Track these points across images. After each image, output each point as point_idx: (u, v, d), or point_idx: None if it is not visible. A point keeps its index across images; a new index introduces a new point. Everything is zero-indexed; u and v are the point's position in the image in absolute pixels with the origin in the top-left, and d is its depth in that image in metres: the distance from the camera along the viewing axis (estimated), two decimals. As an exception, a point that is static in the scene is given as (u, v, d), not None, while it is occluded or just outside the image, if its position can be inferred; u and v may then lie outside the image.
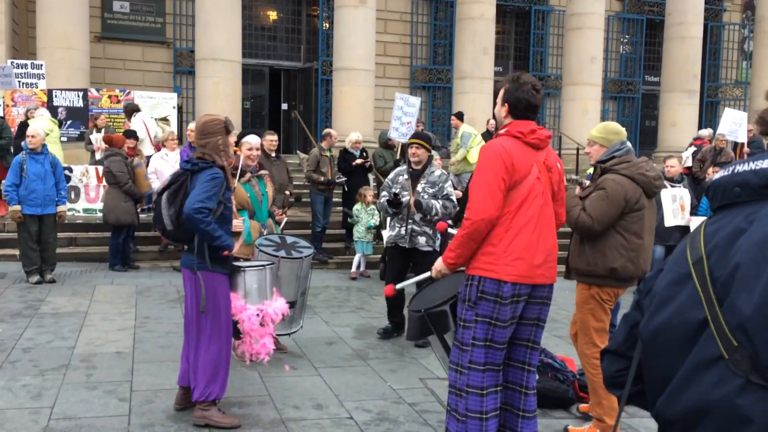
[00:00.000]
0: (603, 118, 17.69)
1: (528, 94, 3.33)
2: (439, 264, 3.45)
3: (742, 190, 1.37)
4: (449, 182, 6.06)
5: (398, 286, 4.21)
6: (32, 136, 7.84)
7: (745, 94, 20.39)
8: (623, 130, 4.14)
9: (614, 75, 19.90)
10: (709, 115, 20.40)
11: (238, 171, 5.23)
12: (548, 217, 3.35)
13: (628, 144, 4.08)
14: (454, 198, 5.95)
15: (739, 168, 1.40)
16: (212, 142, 3.97)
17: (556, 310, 7.84)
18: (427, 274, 3.69)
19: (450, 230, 4.44)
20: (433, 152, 7.90)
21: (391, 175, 6.24)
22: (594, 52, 16.26)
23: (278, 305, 4.36)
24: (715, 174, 1.50)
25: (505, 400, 3.41)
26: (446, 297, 3.49)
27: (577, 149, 15.16)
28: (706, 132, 13.99)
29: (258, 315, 4.17)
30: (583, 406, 4.45)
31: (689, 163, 12.20)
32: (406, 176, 6.03)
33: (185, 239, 3.95)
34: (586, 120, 15.98)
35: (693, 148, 13.24)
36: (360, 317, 6.98)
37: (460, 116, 11.64)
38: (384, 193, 6.10)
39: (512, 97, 3.36)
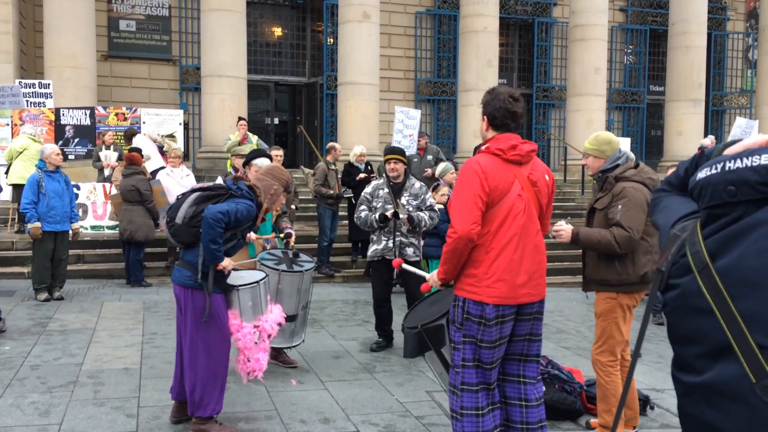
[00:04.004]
0: (608, 129, 17.71)
1: (505, 103, 3.27)
2: (433, 277, 3.47)
3: (737, 189, 1.26)
4: (429, 193, 6.24)
5: (405, 266, 4.30)
6: (56, 154, 8.01)
7: (750, 102, 20.38)
8: (615, 138, 4.17)
9: (619, 85, 19.92)
10: (714, 124, 20.38)
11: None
12: (532, 234, 3.26)
13: (628, 152, 4.15)
14: (437, 206, 6.14)
15: (731, 165, 1.29)
16: (268, 183, 4.17)
17: (564, 321, 7.81)
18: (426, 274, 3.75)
19: (404, 266, 4.42)
20: (450, 166, 8.00)
21: (368, 189, 6.23)
22: (598, 62, 16.30)
23: (274, 317, 4.36)
24: (699, 171, 1.37)
25: (507, 416, 3.37)
26: (441, 311, 3.49)
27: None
28: (708, 140, 14.03)
29: (254, 333, 4.18)
30: (593, 421, 4.41)
31: None
32: (387, 190, 6.08)
33: (183, 239, 4.02)
34: (591, 130, 15.92)
35: None
36: (367, 331, 6.98)
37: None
38: (363, 207, 6.11)
39: (489, 107, 3.31)
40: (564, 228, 3.94)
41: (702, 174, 1.35)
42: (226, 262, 3.97)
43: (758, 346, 1.22)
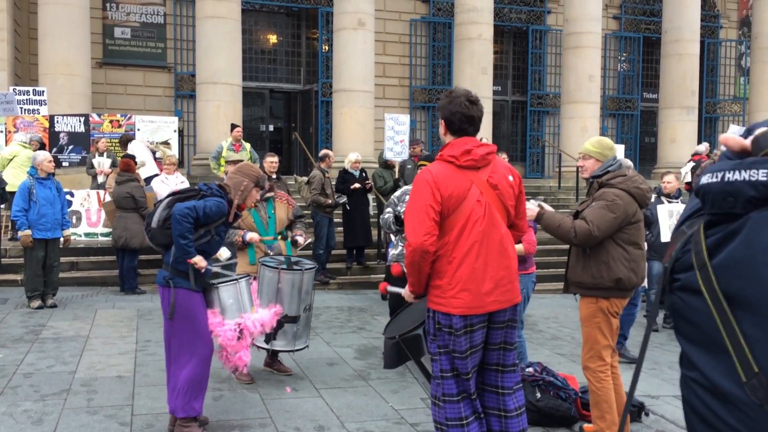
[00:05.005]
0: (602, 135, 17.75)
1: (461, 107, 3.19)
2: (406, 290, 3.41)
3: (735, 200, 1.26)
4: None
5: (390, 288, 4.29)
6: (48, 161, 7.98)
7: (743, 110, 20.48)
8: (614, 145, 4.22)
9: (612, 92, 20.01)
10: (708, 131, 20.47)
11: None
12: (495, 240, 3.16)
13: (626, 159, 4.19)
14: None
15: (730, 176, 1.28)
16: (238, 179, 4.29)
17: (558, 327, 7.81)
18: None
19: (389, 288, 4.34)
20: None
21: (397, 193, 6.24)
22: (592, 70, 16.37)
23: (259, 317, 4.37)
24: (702, 176, 1.36)
25: (487, 426, 3.33)
26: (419, 321, 3.45)
27: (577, 167, 15.18)
28: (703, 147, 14.09)
29: (235, 330, 4.19)
30: (587, 426, 4.42)
31: (689, 179, 12.24)
32: None
33: (161, 242, 4.14)
34: (585, 138, 15.99)
35: (692, 164, 13.31)
36: (361, 337, 6.97)
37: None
38: (389, 210, 6.11)
39: (446, 111, 3.24)
40: (530, 208, 3.95)
41: (704, 180, 1.34)
42: (198, 258, 4.02)
43: (744, 335, 1.22)
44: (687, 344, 1.38)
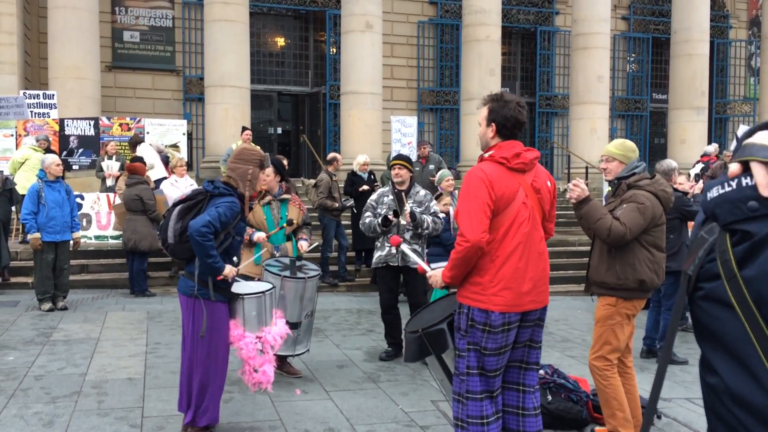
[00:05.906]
0: (611, 137, 17.70)
1: (515, 112, 3.26)
2: (437, 278, 3.42)
3: (760, 203, 1.23)
4: (434, 201, 6.26)
5: (404, 247, 4.36)
6: (56, 164, 8.02)
7: (753, 110, 20.37)
8: (637, 148, 4.28)
9: (621, 93, 19.94)
10: (718, 132, 20.37)
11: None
12: (536, 241, 3.26)
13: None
14: (441, 215, 6.15)
15: (749, 181, 1.26)
16: (242, 169, 4.08)
17: (569, 330, 7.77)
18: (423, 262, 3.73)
19: (402, 246, 4.42)
20: (447, 172, 7.94)
21: (374, 196, 6.27)
22: (600, 71, 16.32)
23: (277, 330, 4.34)
24: (709, 192, 1.32)
25: (504, 424, 3.35)
26: (443, 316, 3.47)
27: (586, 168, 15.14)
28: (712, 148, 14.00)
29: (255, 343, 4.16)
30: (598, 429, 4.39)
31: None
32: (391, 197, 6.10)
33: (183, 256, 4.03)
34: (594, 139, 16.00)
35: (701, 165, 13.24)
36: (371, 340, 6.96)
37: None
38: (368, 214, 6.12)
39: (499, 116, 3.28)
40: (582, 187, 4.01)
41: (714, 193, 1.31)
42: (228, 270, 3.95)
43: None
44: (709, 351, 1.35)
